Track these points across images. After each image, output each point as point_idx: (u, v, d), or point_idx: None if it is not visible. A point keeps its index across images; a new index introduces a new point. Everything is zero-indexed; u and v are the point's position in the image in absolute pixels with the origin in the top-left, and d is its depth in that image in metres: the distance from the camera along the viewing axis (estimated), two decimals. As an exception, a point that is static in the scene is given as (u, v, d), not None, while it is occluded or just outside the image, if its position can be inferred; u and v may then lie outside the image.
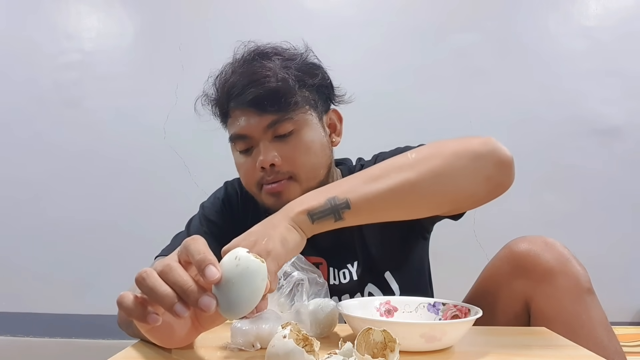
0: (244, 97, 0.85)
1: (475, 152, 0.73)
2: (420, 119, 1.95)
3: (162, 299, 0.47)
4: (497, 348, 0.66)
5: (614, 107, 1.97)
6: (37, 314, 2.07)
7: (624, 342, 1.77)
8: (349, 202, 0.68)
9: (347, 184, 0.71)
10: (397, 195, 0.70)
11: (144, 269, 0.49)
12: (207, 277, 0.47)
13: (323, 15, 2.05)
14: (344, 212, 0.68)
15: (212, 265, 0.47)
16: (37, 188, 2.10)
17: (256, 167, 0.86)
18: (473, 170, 0.73)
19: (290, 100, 0.85)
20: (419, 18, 2.05)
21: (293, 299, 0.71)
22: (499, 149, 0.74)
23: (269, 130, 0.86)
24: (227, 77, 0.90)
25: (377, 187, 0.69)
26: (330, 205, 0.68)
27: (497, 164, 0.74)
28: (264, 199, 0.88)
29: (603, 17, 2.00)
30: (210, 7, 2.08)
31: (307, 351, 0.52)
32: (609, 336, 0.77)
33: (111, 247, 2.05)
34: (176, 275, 0.48)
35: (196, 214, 0.98)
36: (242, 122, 0.87)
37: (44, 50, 2.12)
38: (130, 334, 0.75)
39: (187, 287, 0.47)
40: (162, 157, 2.05)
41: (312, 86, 0.89)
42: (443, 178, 0.72)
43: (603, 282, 1.85)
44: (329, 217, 0.68)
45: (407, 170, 0.71)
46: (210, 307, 0.47)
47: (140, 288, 0.48)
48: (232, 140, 0.90)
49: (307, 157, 0.87)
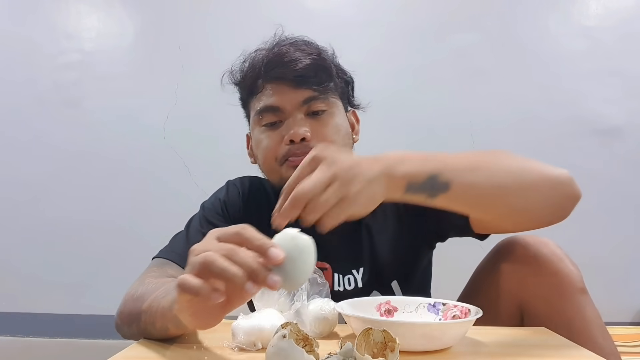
0: (283, 70, 0.85)
1: (559, 179, 0.75)
2: (420, 119, 1.95)
3: (234, 278, 0.49)
4: (497, 348, 0.66)
5: (615, 107, 1.97)
6: (37, 314, 2.07)
7: (624, 342, 1.77)
8: (449, 186, 0.67)
9: (452, 164, 0.68)
10: (490, 195, 0.70)
11: (206, 253, 0.51)
12: (272, 258, 0.50)
13: (323, 15, 2.05)
14: (439, 193, 0.67)
15: (274, 247, 0.51)
16: (37, 188, 2.10)
17: (283, 140, 0.86)
18: (554, 195, 0.75)
19: (328, 81, 0.88)
20: (419, 18, 2.05)
21: (293, 299, 0.71)
22: (576, 184, 0.76)
23: (304, 106, 0.87)
24: (263, 53, 0.90)
25: (477, 180, 0.69)
26: (430, 184, 0.66)
27: (572, 197, 0.76)
28: (284, 173, 0.86)
29: (603, 17, 2.00)
30: (210, 7, 2.08)
31: (307, 351, 0.52)
32: (603, 336, 0.76)
33: (111, 247, 2.05)
34: (243, 256, 0.51)
35: (197, 214, 0.97)
36: (276, 94, 0.87)
37: (44, 50, 2.12)
38: (129, 334, 0.74)
39: (256, 267, 0.50)
40: (162, 157, 2.05)
41: (342, 79, 0.92)
42: (530, 194, 0.73)
43: (603, 282, 1.86)
44: (423, 194, 0.66)
45: (506, 176, 0.71)
46: (278, 284, 0.50)
47: (211, 269, 0.50)
48: (261, 112, 0.89)
49: (336, 139, 0.88)
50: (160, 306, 0.64)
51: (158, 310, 0.65)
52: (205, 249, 0.52)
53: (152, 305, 0.67)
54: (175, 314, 0.59)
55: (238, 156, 1.95)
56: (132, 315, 0.72)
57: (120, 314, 0.75)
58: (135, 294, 0.73)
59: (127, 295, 0.76)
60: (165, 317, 0.63)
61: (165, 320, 0.63)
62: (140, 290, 0.73)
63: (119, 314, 0.76)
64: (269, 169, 0.90)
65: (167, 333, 0.66)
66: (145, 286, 0.74)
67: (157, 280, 0.77)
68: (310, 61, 0.86)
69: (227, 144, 2.05)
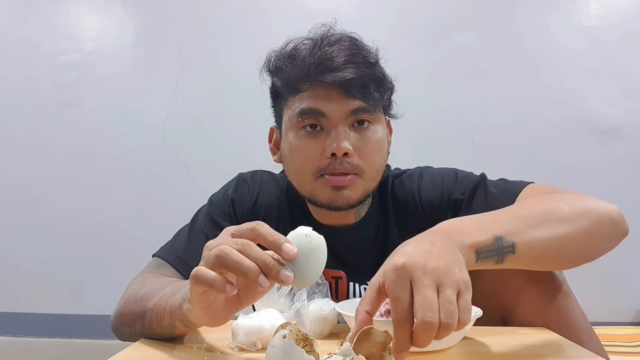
0: (335, 74, 0.78)
1: (613, 220, 0.74)
2: (420, 119, 1.95)
3: (248, 271, 0.51)
4: (497, 348, 0.66)
5: (615, 107, 1.97)
6: (37, 314, 2.07)
7: (624, 342, 1.77)
8: (515, 247, 0.63)
9: (510, 224, 0.65)
10: (556, 247, 0.68)
11: (220, 246, 0.53)
12: (285, 253, 0.52)
13: (323, 15, 2.04)
14: (507, 256, 0.63)
15: (288, 242, 0.52)
16: (37, 188, 2.10)
17: (324, 152, 0.80)
18: (609, 236, 0.74)
19: (378, 93, 0.83)
20: (419, 18, 2.05)
21: (293, 299, 0.71)
22: (625, 221, 0.75)
23: (351, 117, 0.81)
24: (311, 47, 0.82)
25: (540, 235, 0.65)
26: (497, 247, 0.62)
27: (623, 234, 0.75)
28: (318, 191, 0.83)
29: (603, 17, 2.00)
30: (210, 7, 2.08)
31: (307, 351, 0.52)
32: (590, 338, 0.76)
33: (111, 247, 2.04)
34: (257, 251, 0.52)
35: (203, 208, 0.94)
36: (323, 99, 0.80)
37: (44, 50, 2.12)
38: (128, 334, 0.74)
39: (269, 262, 0.52)
40: (162, 157, 2.05)
41: (387, 90, 0.87)
42: (592, 238, 0.71)
43: (603, 282, 1.86)
44: (492, 259, 0.62)
45: (565, 224, 0.68)
46: (289, 279, 0.51)
47: (225, 261, 0.52)
48: (304, 114, 0.81)
49: (377, 156, 0.84)
50: (169, 304, 0.65)
51: (166, 307, 0.65)
52: (219, 243, 0.54)
53: (159, 304, 0.67)
54: (184, 312, 0.60)
55: (238, 156, 1.96)
56: (134, 315, 0.71)
57: (120, 314, 0.75)
58: (138, 294, 0.73)
59: (127, 295, 0.76)
60: (174, 314, 0.63)
61: (174, 317, 0.64)
62: (143, 290, 0.73)
63: (119, 314, 0.75)
64: (302, 180, 0.85)
65: (173, 331, 0.66)
66: (148, 286, 0.74)
67: (160, 280, 0.76)
68: (365, 70, 0.80)
69: (227, 143, 2.05)
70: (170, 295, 0.66)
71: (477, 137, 1.98)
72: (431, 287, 0.51)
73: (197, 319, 0.60)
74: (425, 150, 1.87)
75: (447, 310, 0.51)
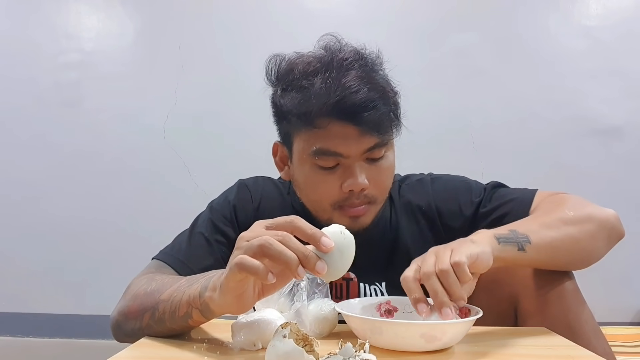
0: (356, 114, 0.77)
1: (612, 224, 0.83)
2: (420, 119, 1.94)
3: (290, 261, 0.55)
4: (497, 348, 0.67)
5: (615, 106, 1.97)
6: (37, 314, 2.07)
7: (624, 342, 1.77)
8: (529, 238, 0.74)
9: (523, 226, 0.76)
10: (564, 246, 0.77)
11: (263, 237, 0.56)
12: (324, 246, 0.56)
13: (323, 15, 2.04)
14: (526, 244, 0.73)
15: (326, 236, 0.57)
16: (37, 188, 2.10)
17: (342, 188, 0.81)
18: (608, 239, 0.83)
19: (393, 127, 0.85)
20: (419, 18, 2.05)
21: (293, 299, 0.71)
22: (621, 225, 0.85)
23: (366, 153, 0.81)
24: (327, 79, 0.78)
25: (551, 234, 0.76)
26: (514, 236, 0.74)
27: (620, 237, 0.85)
28: (337, 219, 0.82)
29: (603, 17, 2.00)
30: (210, 7, 2.08)
31: (307, 351, 0.52)
32: (596, 336, 0.77)
33: (111, 247, 2.04)
34: (296, 243, 0.56)
35: (203, 214, 0.94)
36: (340, 138, 0.79)
37: (44, 50, 2.12)
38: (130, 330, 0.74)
39: (308, 254, 0.56)
40: (162, 157, 2.05)
41: (399, 116, 0.87)
42: (594, 240, 0.81)
43: (603, 282, 1.86)
44: (513, 244, 0.73)
45: (571, 227, 0.78)
46: (324, 270, 0.56)
47: (269, 251, 0.55)
48: (319, 154, 0.81)
49: (389, 181, 0.88)
50: (186, 294, 0.66)
51: (183, 298, 0.66)
52: (256, 235, 0.57)
53: (175, 295, 0.68)
54: (205, 300, 0.62)
55: (238, 156, 1.96)
56: (144, 307, 0.71)
57: (126, 309, 0.74)
58: (148, 288, 0.74)
59: (133, 291, 0.76)
60: (192, 304, 0.65)
61: (191, 307, 0.65)
62: (154, 285, 0.74)
63: (124, 310, 0.75)
64: (319, 209, 0.86)
65: (187, 322, 0.68)
66: (158, 281, 0.74)
67: (170, 276, 0.77)
68: (384, 107, 0.80)
69: (227, 144, 2.05)
70: (186, 286, 0.68)
71: (477, 136, 1.98)
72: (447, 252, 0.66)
73: (220, 306, 0.62)
74: (425, 150, 1.87)
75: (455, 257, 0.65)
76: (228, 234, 0.90)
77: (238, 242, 0.59)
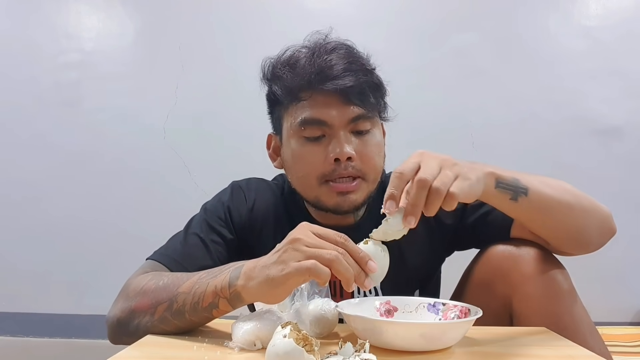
0: (336, 82, 0.81)
1: (604, 213, 0.83)
2: (420, 119, 1.95)
3: (350, 277, 0.62)
4: (497, 348, 0.67)
5: (615, 107, 1.97)
6: (37, 314, 2.07)
7: (624, 342, 1.77)
8: (527, 190, 0.75)
9: (527, 178, 0.77)
10: (559, 209, 0.78)
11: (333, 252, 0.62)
12: (370, 269, 0.63)
13: (323, 15, 2.04)
14: (520, 196, 0.74)
15: (372, 260, 0.64)
16: (37, 188, 2.10)
17: (327, 158, 0.83)
18: (603, 226, 0.83)
19: (375, 99, 0.87)
20: (419, 18, 2.05)
21: (293, 299, 0.71)
22: (613, 222, 0.85)
23: (351, 124, 0.84)
24: (310, 56, 0.84)
25: (550, 192, 0.77)
26: (514, 185, 0.74)
27: (612, 231, 0.85)
28: (324, 196, 0.85)
29: (603, 17, 2.00)
30: (210, 7, 2.08)
31: (307, 351, 0.52)
32: (592, 336, 0.77)
33: (111, 247, 2.05)
34: (352, 262, 0.63)
35: (197, 215, 0.94)
36: (324, 107, 0.83)
37: (44, 50, 2.12)
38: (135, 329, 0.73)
39: (360, 272, 0.63)
40: (162, 157, 2.05)
41: (383, 95, 0.90)
42: (588, 216, 0.81)
43: (603, 282, 1.86)
44: (509, 192, 0.74)
45: (568, 195, 0.79)
46: (370, 286, 0.64)
47: (338, 266, 0.61)
48: (305, 123, 0.84)
49: (378, 159, 0.88)
50: (212, 285, 0.68)
51: (207, 289, 0.68)
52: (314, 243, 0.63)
53: (197, 286, 0.69)
54: (237, 289, 0.66)
55: (238, 156, 1.96)
56: (157, 302, 0.71)
57: (135, 306, 0.74)
58: (160, 282, 0.73)
59: (138, 288, 0.75)
60: (220, 293, 0.67)
61: (218, 297, 0.68)
62: (165, 280, 0.74)
63: (133, 306, 0.74)
64: (306, 186, 0.87)
65: (210, 313, 0.69)
66: (169, 277, 0.74)
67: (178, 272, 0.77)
68: (363, 77, 0.83)
69: (227, 144, 2.06)
70: (210, 277, 0.70)
71: (477, 136, 1.98)
72: (436, 164, 0.67)
73: (254, 296, 0.66)
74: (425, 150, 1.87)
75: (440, 180, 0.65)
76: (223, 234, 0.90)
77: (293, 243, 0.63)
